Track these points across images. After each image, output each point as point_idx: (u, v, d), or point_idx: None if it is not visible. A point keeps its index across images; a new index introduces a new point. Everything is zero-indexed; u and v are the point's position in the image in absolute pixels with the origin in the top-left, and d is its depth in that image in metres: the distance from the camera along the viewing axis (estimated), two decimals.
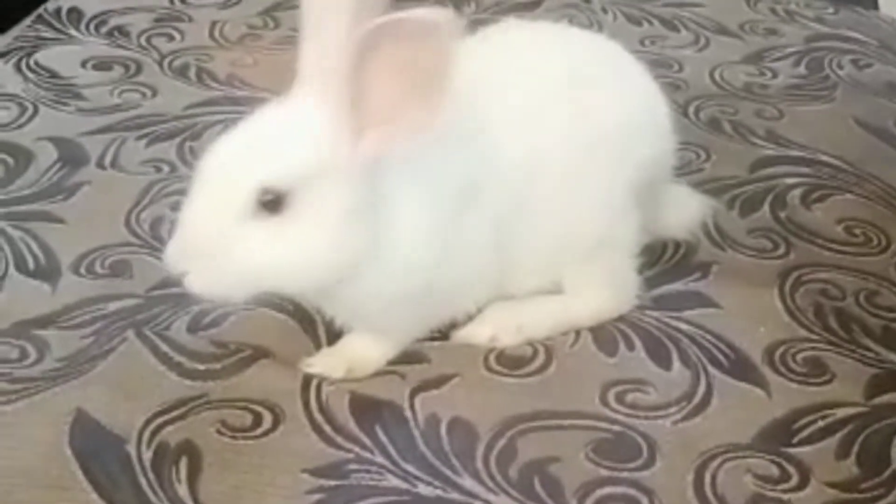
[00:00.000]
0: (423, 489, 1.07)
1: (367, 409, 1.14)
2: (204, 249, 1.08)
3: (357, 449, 1.10)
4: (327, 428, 1.13)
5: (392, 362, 1.20)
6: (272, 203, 1.06)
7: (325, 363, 1.20)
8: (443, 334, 1.23)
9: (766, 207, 1.43)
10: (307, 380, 1.18)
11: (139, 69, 1.71)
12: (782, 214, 1.41)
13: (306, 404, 1.15)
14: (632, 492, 1.06)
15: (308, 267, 1.09)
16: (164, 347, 1.21)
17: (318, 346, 1.22)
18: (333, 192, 1.07)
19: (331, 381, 1.17)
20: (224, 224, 1.07)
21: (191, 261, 1.08)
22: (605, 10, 1.87)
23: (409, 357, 1.21)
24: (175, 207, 1.39)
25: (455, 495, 1.06)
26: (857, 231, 1.39)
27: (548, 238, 1.22)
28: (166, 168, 1.48)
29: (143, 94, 1.65)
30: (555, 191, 1.19)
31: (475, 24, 1.77)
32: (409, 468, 1.09)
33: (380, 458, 1.09)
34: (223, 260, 1.08)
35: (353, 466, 1.09)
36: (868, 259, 1.35)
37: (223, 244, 1.07)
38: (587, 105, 1.20)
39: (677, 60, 1.73)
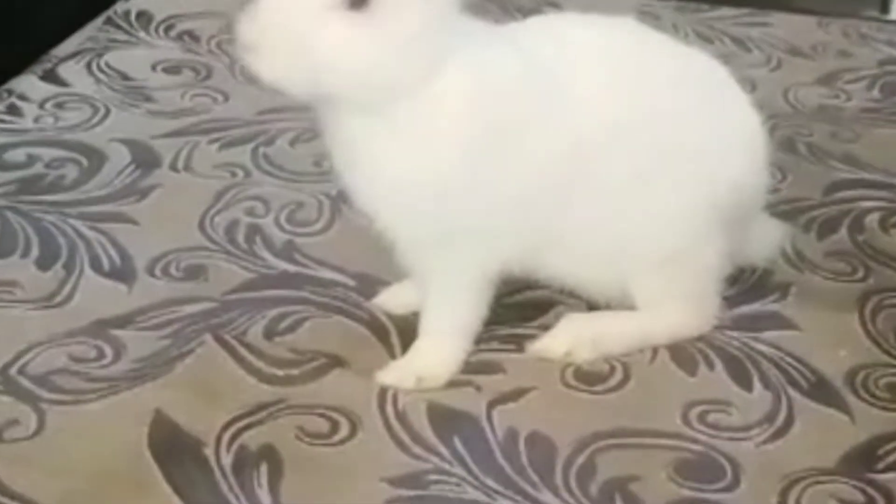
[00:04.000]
0: (502, 503, 1.06)
1: (445, 420, 1.14)
2: (279, 30, 1.04)
3: (436, 460, 1.10)
4: (405, 437, 1.12)
5: (466, 371, 1.19)
6: None
7: (396, 375, 1.19)
8: (517, 346, 1.23)
9: (843, 230, 1.41)
10: (383, 389, 1.17)
11: (209, 73, 1.71)
12: (860, 238, 1.40)
13: (383, 413, 1.15)
14: None
15: (376, 70, 1.06)
16: (243, 352, 1.21)
17: (391, 355, 1.22)
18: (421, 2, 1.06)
19: (405, 392, 1.17)
20: (306, 10, 1.04)
21: (262, 39, 1.04)
22: (675, 28, 1.86)
23: (483, 367, 1.21)
24: (250, 213, 1.41)
25: None
26: None
27: (609, 228, 1.19)
28: (241, 173, 1.48)
29: (215, 99, 1.65)
30: (627, 181, 1.17)
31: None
32: (489, 482, 1.08)
33: (458, 470, 1.09)
34: (296, 46, 1.04)
35: (432, 477, 1.08)
36: None
37: (300, 30, 1.03)
38: (684, 111, 1.19)
39: (750, 80, 1.71)
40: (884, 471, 1.10)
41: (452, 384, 1.19)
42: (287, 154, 1.52)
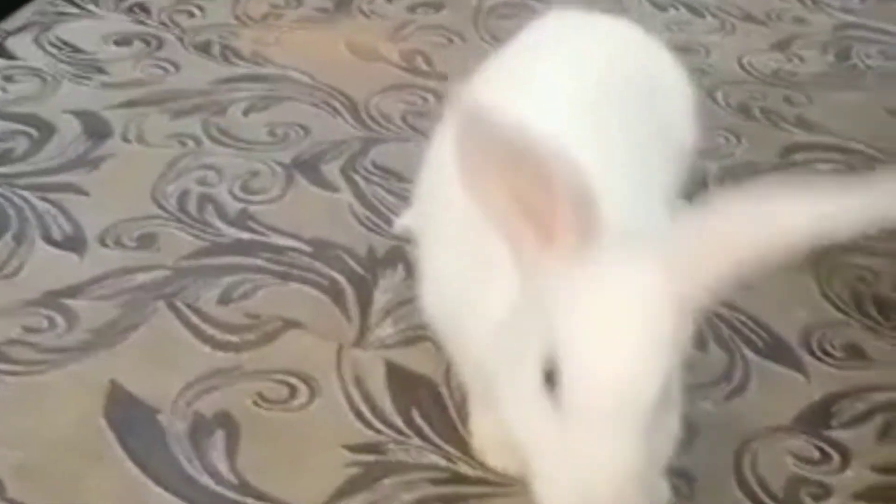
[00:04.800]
0: (461, 466, 1.06)
1: (403, 386, 1.13)
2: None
3: (393, 431, 1.09)
4: (363, 405, 1.12)
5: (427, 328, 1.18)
6: None
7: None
8: None
9: None
10: (341, 351, 1.17)
11: (161, 45, 1.69)
12: None
13: (341, 378, 1.14)
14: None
15: None
16: (196, 319, 1.20)
17: (348, 319, 1.21)
18: None
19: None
20: None
21: None
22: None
23: None
24: (202, 182, 1.40)
25: (492, 475, 1.05)
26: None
27: None
28: (191, 143, 1.47)
29: (166, 70, 1.63)
30: None
31: (501, 7, 1.80)
32: (448, 447, 1.08)
33: (416, 440, 1.08)
34: None
35: (391, 446, 1.08)
36: None
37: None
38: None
39: (704, 46, 1.73)
40: (838, 427, 1.10)
41: (410, 342, 1.18)
42: (240, 123, 1.51)
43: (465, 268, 0.94)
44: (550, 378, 0.77)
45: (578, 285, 0.77)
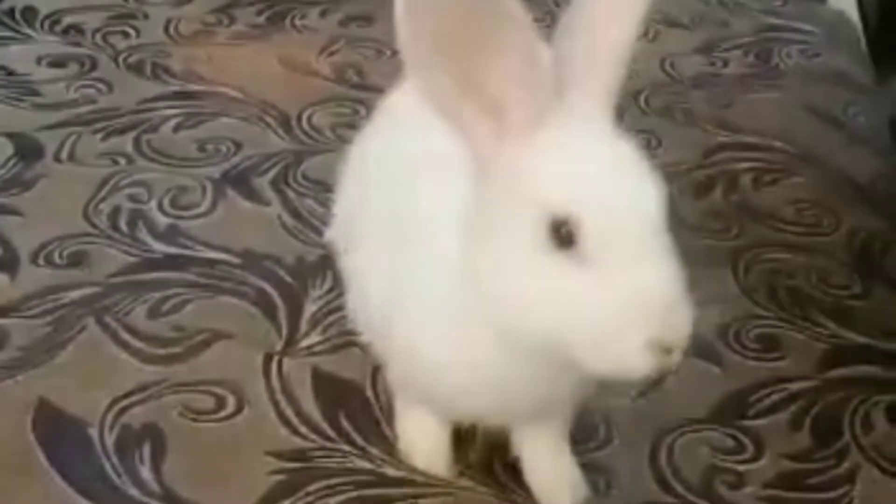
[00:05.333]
0: (387, 470, 1.08)
1: (330, 394, 1.15)
2: None
3: (320, 438, 1.11)
4: (291, 413, 1.14)
5: (351, 334, 1.18)
6: None
7: None
8: None
9: (718, 191, 1.45)
10: (269, 361, 1.19)
11: (94, 66, 1.71)
12: (734, 197, 1.44)
13: (269, 386, 1.16)
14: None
15: None
16: (125, 335, 1.21)
17: (277, 329, 1.23)
18: None
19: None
20: None
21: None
22: (557, 4, 1.88)
23: None
24: (133, 199, 1.42)
25: (418, 476, 1.07)
26: (808, 213, 1.42)
27: None
28: (123, 161, 1.48)
29: (99, 90, 1.65)
30: None
31: None
32: (374, 451, 1.10)
33: (344, 445, 1.10)
34: None
35: (318, 453, 1.10)
36: (819, 239, 1.37)
37: None
38: None
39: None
40: (753, 417, 1.13)
41: (338, 348, 1.20)
42: (170, 140, 1.53)
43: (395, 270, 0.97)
44: (568, 238, 0.77)
45: (566, 144, 0.80)
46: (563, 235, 0.78)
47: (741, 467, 1.08)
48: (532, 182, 0.80)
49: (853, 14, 1.95)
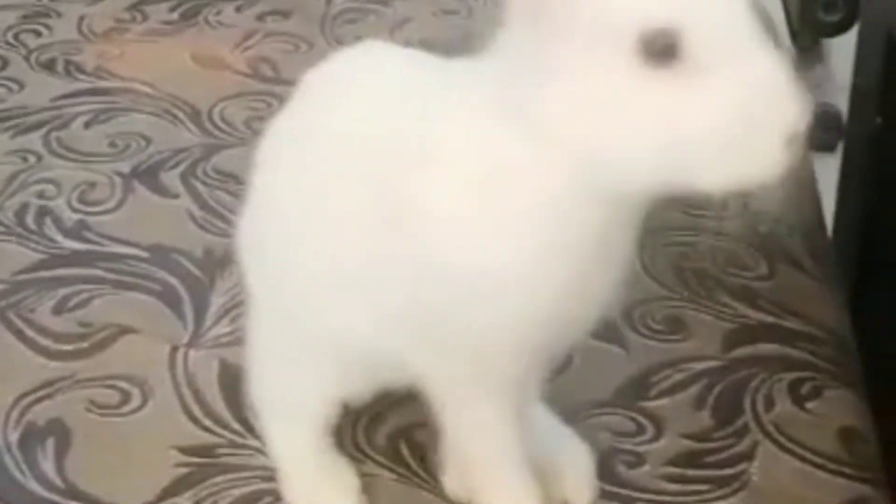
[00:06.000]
0: None
1: (237, 387, 1.14)
2: None
3: (226, 432, 1.11)
4: (196, 408, 1.14)
5: None
6: None
7: None
8: None
9: None
10: (174, 354, 1.19)
11: (6, 65, 1.70)
12: None
13: (175, 380, 1.16)
14: None
15: None
16: (30, 332, 1.21)
17: (184, 322, 1.23)
18: None
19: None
20: None
21: None
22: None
23: None
24: (40, 196, 1.41)
25: None
26: (717, 197, 1.43)
27: None
28: (32, 158, 1.48)
29: (10, 89, 1.63)
30: None
31: (348, 12, 1.83)
32: None
33: (250, 441, 1.10)
34: None
35: (223, 450, 1.10)
36: (725, 221, 1.38)
37: None
38: None
39: None
40: (654, 398, 1.14)
41: (243, 339, 1.19)
42: (80, 137, 1.52)
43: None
44: (667, 50, 0.71)
45: None
46: (660, 49, 0.71)
47: (640, 448, 1.09)
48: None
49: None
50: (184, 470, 1.07)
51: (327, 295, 0.95)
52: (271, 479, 1.06)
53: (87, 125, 1.54)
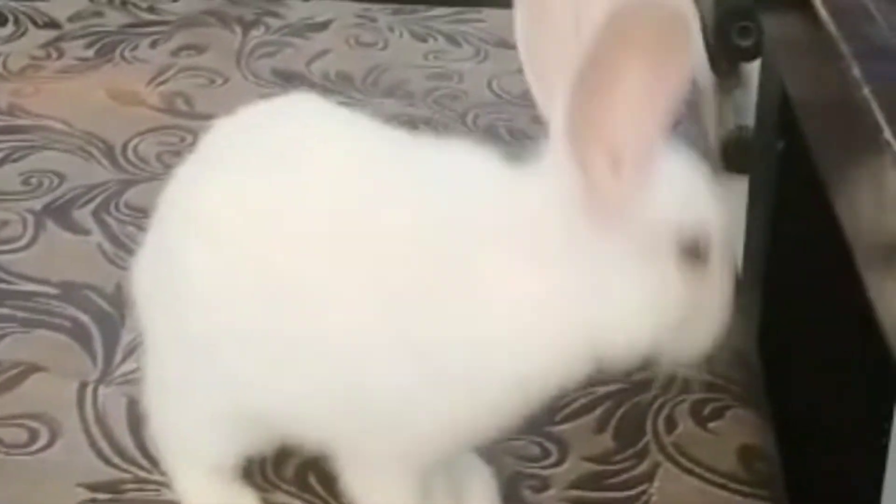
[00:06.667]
0: None
1: (145, 425, 1.15)
2: None
3: (134, 469, 1.11)
4: (104, 445, 1.14)
5: None
6: None
7: None
8: None
9: None
10: (82, 390, 1.19)
11: None
12: None
13: (83, 418, 1.16)
14: None
15: None
16: None
17: (93, 359, 1.23)
18: None
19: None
20: None
21: None
22: (391, 29, 1.91)
23: None
24: None
25: None
26: None
27: None
28: None
29: None
30: None
31: (264, 45, 1.84)
32: None
33: (157, 476, 1.10)
34: None
35: (129, 486, 1.10)
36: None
37: None
38: None
39: (458, 73, 1.79)
40: (560, 422, 1.16)
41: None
42: None
43: None
44: (700, 252, 0.85)
45: (677, 167, 0.86)
46: (694, 250, 0.85)
47: (546, 472, 1.11)
48: (660, 207, 0.84)
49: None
50: None
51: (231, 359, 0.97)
52: None
53: (0, 163, 1.54)
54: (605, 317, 0.86)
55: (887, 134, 0.63)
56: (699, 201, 0.87)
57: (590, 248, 0.85)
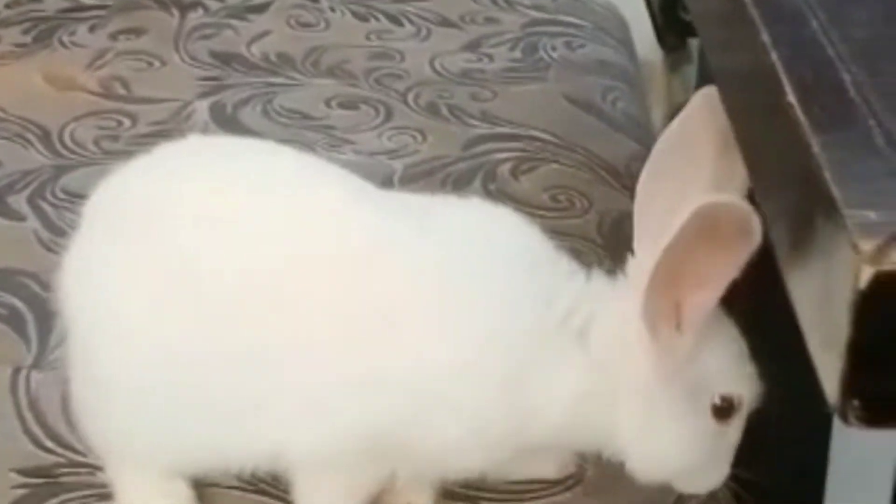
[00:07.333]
0: None
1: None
2: None
3: (69, 453, 1.11)
4: (37, 430, 1.13)
5: None
6: None
7: None
8: None
9: (477, 182, 1.48)
10: (16, 376, 1.18)
11: None
12: (492, 187, 1.47)
13: (16, 403, 1.15)
14: None
15: None
16: None
17: (27, 344, 1.22)
18: None
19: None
20: None
21: None
22: (332, 9, 1.90)
23: None
24: None
25: None
26: (562, 197, 1.46)
27: None
28: None
29: None
30: None
31: (203, 28, 1.83)
32: None
33: (91, 460, 1.10)
34: None
35: (63, 470, 1.09)
36: (571, 222, 1.41)
37: None
38: None
39: (399, 52, 1.78)
40: None
41: None
42: None
43: None
44: (731, 412, 0.97)
45: (717, 333, 0.97)
46: (726, 409, 0.97)
47: None
48: (705, 370, 0.96)
49: (619, 5, 2.02)
50: (21, 492, 1.07)
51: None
52: (108, 497, 1.06)
53: None
54: (633, 436, 0.98)
55: (791, 97, 0.63)
56: (739, 370, 0.98)
57: (645, 378, 0.96)
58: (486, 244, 1.00)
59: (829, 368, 0.53)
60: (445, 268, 0.97)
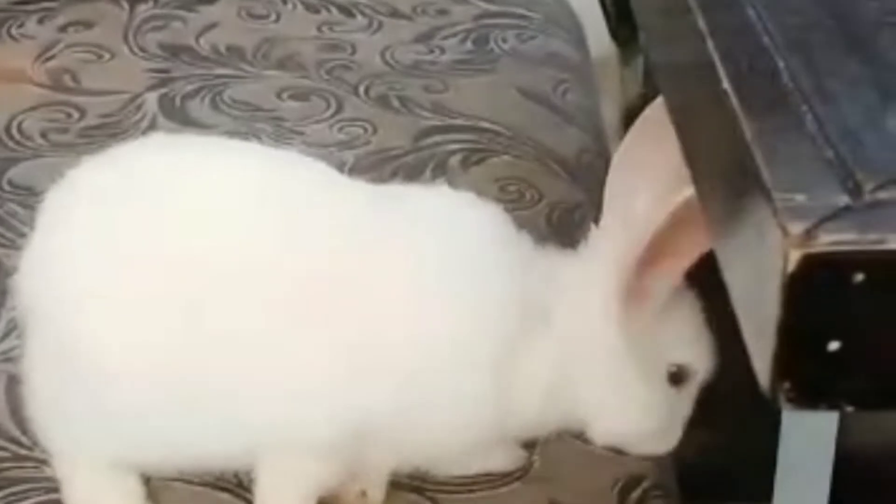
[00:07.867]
0: None
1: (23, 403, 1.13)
2: None
3: (13, 447, 1.10)
4: None
5: None
6: None
7: None
8: None
9: (427, 173, 1.48)
10: None
11: None
12: (442, 178, 1.47)
13: None
14: None
15: None
16: None
17: None
18: None
19: None
20: None
21: None
22: (284, 1, 1.89)
23: None
24: None
25: None
26: (512, 188, 1.46)
27: None
28: None
29: None
30: None
31: (153, 19, 1.82)
32: None
33: (37, 454, 1.09)
34: None
35: (7, 465, 1.09)
36: (520, 213, 1.41)
37: None
38: None
39: (351, 44, 1.78)
40: None
41: None
42: None
43: None
44: (685, 378, 1.03)
45: (678, 308, 1.01)
46: (681, 376, 1.03)
47: None
48: (664, 338, 1.02)
49: None
50: None
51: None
52: (54, 490, 1.05)
53: None
54: (597, 401, 1.02)
55: (725, 84, 0.63)
56: (695, 341, 1.03)
57: (607, 346, 1.00)
58: (460, 228, 1.02)
59: (761, 350, 0.53)
60: (423, 253, 0.99)
